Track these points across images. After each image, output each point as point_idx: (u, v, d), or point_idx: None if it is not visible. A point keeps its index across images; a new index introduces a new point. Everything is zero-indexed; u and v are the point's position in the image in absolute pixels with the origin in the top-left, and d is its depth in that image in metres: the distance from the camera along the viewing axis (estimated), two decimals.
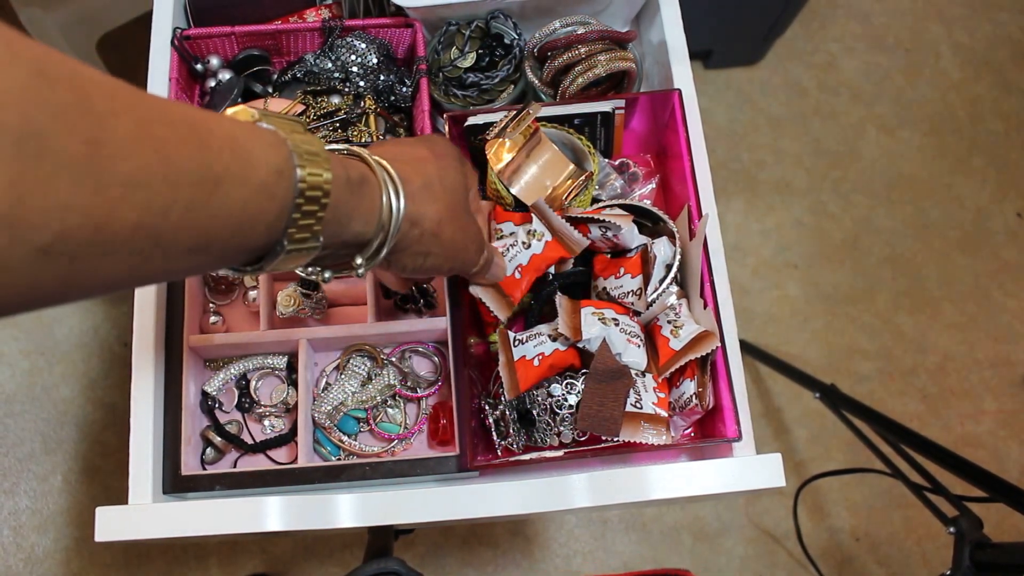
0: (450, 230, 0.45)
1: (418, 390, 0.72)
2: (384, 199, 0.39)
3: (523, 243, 0.61)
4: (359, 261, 0.40)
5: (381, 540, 0.73)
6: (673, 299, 0.65)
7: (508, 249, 0.61)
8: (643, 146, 0.78)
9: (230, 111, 0.34)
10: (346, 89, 0.75)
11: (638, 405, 0.60)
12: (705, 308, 0.63)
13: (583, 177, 0.65)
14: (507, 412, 0.63)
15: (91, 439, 1.39)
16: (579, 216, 0.63)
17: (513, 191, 0.64)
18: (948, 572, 0.78)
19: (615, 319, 0.62)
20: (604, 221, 0.63)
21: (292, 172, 0.32)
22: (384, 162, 0.40)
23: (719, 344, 0.61)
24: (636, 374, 0.61)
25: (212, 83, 0.75)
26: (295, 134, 0.33)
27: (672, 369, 0.61)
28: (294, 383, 0.71)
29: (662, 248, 0.64)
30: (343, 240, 0.38)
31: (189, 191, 0.27)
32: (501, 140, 0.64)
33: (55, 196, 0.22)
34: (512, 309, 0.60)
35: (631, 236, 0.65)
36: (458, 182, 0.47)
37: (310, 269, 0.40)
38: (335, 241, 0.37)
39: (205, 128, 0.28)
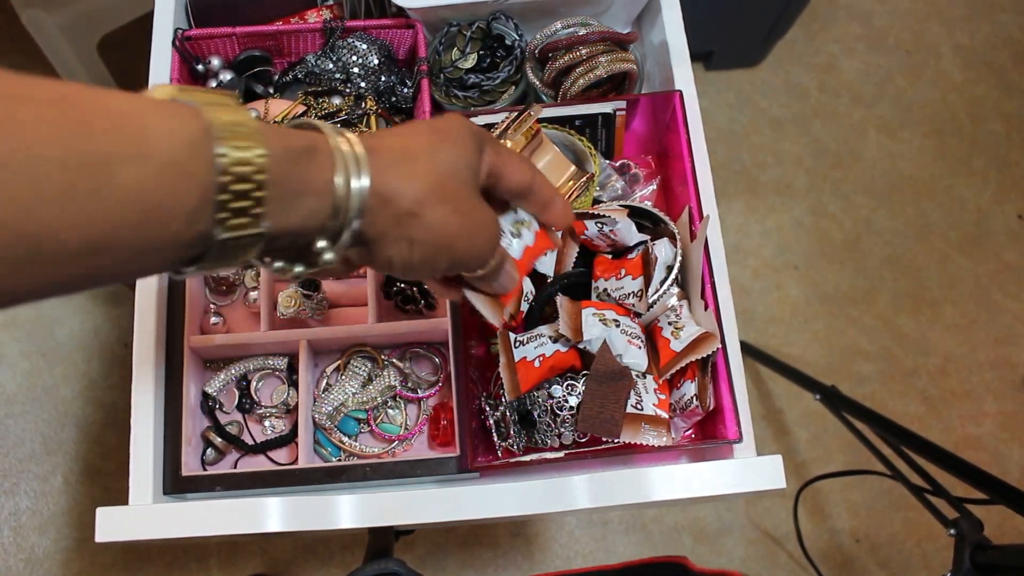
0: (441, 212, 0.37)
1: (419, 391, 0.72)
2: (339, 170, 0.33)
3: (511, 233, 0.51)
4: (320, 244, 0.34)
5: (381, 541, 0.73)
6: (674, 300, 0.65)
7: None
8: (644, 147, 0.78)
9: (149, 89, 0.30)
10: (347, 90, 0.75)
11: (639, 406, 0.60)
12: (706, 309, 0.63)
13: (584, 179, 0.65)
14: (508, 413, 0.63)
15: (91, 440, 1.39)
16: (575, 212, 0.63)
17: None
18: (948, 574, 0.78)
19: (616, 320, 0.62)
20: (599, 215, 0.63)
21: (209, 146, 0.27)
22: (348, 133, 0.35)
23: (720, 345, 0.61)
24: (637, 375, 0.61)
25: (213, 84, 0.76)
26: (216, 106, 0.29)
27: (673, 370, 0.61)
28: (295, 384, 0.71)
29: (663, 249, 0.64)
30: (297, 224, 0.32)
31: (60, 182, 0.23)
32: (502, 141, 0.64)
33: None
34: (505, 313, 0.52)
35: (628, 232, 0.65)
36: (458, 159, 0.39)
37: (276, 264, 0.35)
38: (286, 225, 0.32)
39: (89, 107, 0.25)
